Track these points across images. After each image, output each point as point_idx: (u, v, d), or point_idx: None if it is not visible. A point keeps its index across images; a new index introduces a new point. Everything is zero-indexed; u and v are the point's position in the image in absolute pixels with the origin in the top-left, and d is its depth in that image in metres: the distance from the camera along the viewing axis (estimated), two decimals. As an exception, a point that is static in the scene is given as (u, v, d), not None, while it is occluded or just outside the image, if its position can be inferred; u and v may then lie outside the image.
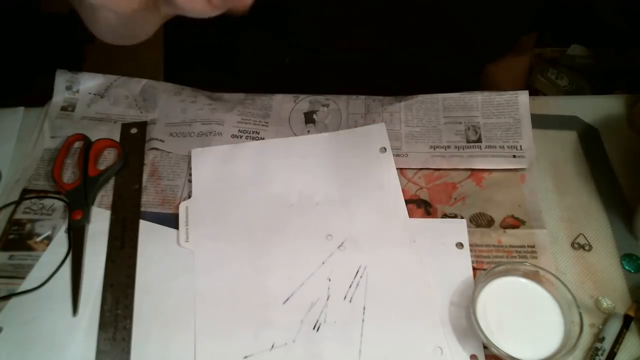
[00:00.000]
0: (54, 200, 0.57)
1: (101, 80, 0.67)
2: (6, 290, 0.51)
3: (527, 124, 0.60)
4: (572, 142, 0.62)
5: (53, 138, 0.63)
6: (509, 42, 0.68)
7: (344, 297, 0.50)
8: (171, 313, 0.49)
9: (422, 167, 0.59)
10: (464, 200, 0.56)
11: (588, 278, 0.51)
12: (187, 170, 0.60)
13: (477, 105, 0.63)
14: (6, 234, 0.55)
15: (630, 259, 0.52)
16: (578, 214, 0.55)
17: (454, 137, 0.61)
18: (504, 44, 0.68)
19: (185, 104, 0.65)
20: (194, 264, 0.52)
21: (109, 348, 0.47)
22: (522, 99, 0.62)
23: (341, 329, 0.48)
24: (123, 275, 0.51)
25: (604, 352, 0.45)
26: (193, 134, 0.63)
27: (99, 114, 0.65)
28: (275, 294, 0.50)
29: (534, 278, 0.48)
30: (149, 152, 0.61)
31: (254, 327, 0.48)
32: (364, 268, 0.51)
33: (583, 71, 1.04)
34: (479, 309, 0.46)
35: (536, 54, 1.09)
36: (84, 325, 0.49)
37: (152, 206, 0.57)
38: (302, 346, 0.47)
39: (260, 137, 0.62)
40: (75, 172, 0.59)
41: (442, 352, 0.46)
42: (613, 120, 0.63)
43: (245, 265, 0.52)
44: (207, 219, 0.55)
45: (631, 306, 0.48)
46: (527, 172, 0.58)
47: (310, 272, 0.51)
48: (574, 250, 0.53)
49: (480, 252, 0.52)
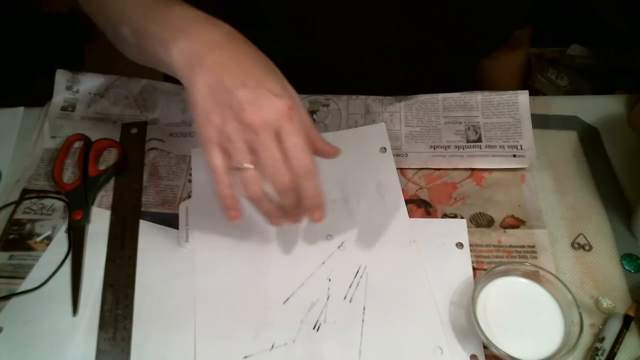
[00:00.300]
0: (54, 200, 0.57)
1: (101, 80, 0.67)
2: (6, 290, 0.51)
3: (527, 124, 0.60)
4: (572, 142, 0.62)
5: (53, 138, 0.63)
6: (503, 34, 0.67)
7: (344, 297, 0.50)
8: (171, 313, 0.49)
9: (422, 167, 0.59)
10: (464, 200, 0.56)
11: (588, 278, 0.51)
12: (187, 170, 0.60)
13: (477, 105, 0.63)
14: (6, 234, 0.55)
15: (630, 259, 0.52)
16: (578, 214, 0.55)
17: (454, 137, 0.61)
18: (499, 37, 0.67)
19: (185, 104, 0.65)
20: (194, 264, 0.52)
21: (109, 348, 0.47)
22: (522, 98, 0.62)
23: (341, 329, 0.48)
24: (123, 275, 0.51)
25: (604, 352, 0.45)
26: (193, 134, 0.63)
27: (99, 114, 0.65)
28: (275, 294, 0.50)
29: (534, 278, 0.48)
30: (149, 152, 0.61)
31: (254, 327, 0.48)
32: (364, 268, 0.51)
33: (583, 71, 1.04)
34: (479, 309, 0.46)
35: (536, 54, 1.09)
36: (84, 325, 0.49)
37: (152, 206, 0.57)
38: (302, 346, 0.47)
39: (260, 137, 0.62)
40: (75, 172, 0.59)
41: (442, 352, 0.46)
42: (613, 120, 0.63)
43: (246, 265, 0.52)
44: (207, 219, 0.55)
45: (631, 306, 0.48)
46: (527, 172, 0.58)
47: (310, 272, 0.51)
48: (574, 250, 0.53)
49: (480, 252, 0.52)
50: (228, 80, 0.39)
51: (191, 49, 0.41)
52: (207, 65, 0.40)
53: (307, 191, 0.41)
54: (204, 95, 0.40)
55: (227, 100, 0.39)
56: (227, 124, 0.39)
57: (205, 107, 0.40)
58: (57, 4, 1.71)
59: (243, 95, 0.39)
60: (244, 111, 0.38)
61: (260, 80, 0.40)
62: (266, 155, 0.39)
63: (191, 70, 0.40)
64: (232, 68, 0.40)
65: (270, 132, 0.39)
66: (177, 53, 0.41)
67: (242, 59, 0.41)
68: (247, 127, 0.39)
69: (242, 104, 0.39)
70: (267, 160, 0.39)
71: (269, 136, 0.39)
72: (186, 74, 0.41)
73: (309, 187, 0.41)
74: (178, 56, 0.41)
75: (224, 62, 0.40)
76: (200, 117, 0.40)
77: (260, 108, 0.39)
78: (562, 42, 1.08)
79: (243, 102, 0.39)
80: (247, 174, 0.40)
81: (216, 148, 0.40)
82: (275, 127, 0.39)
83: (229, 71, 0.40)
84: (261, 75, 0.40)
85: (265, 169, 0.40)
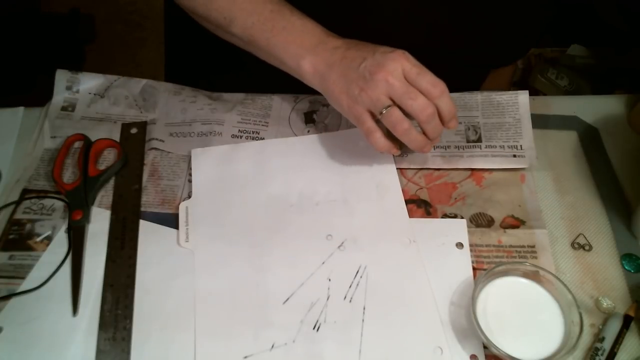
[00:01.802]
0: (54, 200, 0.57)
1: (101, 80, 0.67)
2: (6, 290, 0.51)
3: (527, 124, 0.60)
4: (572, 142, 0.62)
5: (53, 138, 0.63)
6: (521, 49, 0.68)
7: (344, 297, 0.50)
8: (171, 313, 0.49)
9: (422, 167, 0.59)
10: (464, 200, 0.56)
11: (588, 278, 0.51)
12: (187, 170, 0.60)
13: (477, 105, 0.63)
14: (6, 234, 0.55)
15: (630, 259, 0.52)
16: (578, 214, 0.55)
17: (454, 137, 0.61)
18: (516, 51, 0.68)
19: (185, 104, 0.65)
20: (194, 264, 0.52)
21: (109, 348, 0.47)
22: (522, 98, 0.62)
23: (341, 329, 0.48)
24: (123, 275, 0.51)
25: (604, 352, 0.45)
26: (193, 134, 0.63)
27: (99, 114, 0.65)
28: (275, 294, 0.50)
29: (534, 278, 0.48)
30: (149, 152, 0.61)
31: (254, 327, 0.48)
32: (364, 268, 0.51)
33: (583, 71, 1.04)
34: (479, 309, 0.46)
35: (536, 54, 1.09)
36: (84, 325, 0.49)
37: (152, 206, 0.57)
38: (302, 346, 0.47)
39: (260, 137, 0.62)
40: (75, 172, 0.60)
41: (442, 352, 0.46)
42: (613, 120, 0.63)
43: (245, 265, 0.52)
44: (207, 219, 0.55)
45: (631, 306, 0.48)
46: (527, 171, 0.58)
47: (310, 272, 0.51)
48: (574, 250, 0.53)
49: (480, 252, 0.52)
50: (351, 66, 0.51)
51: (319, 64, 0.53)
52: (334, 70, 0.52)
53: (445, 107, 0.50)
54: (341, 88, 0.52)
55: (358, 77, 0.50)
56: (366, 91, 0.50)
57: (348, 94, 0.51)
58: (57, 4, 1.71)
59: (367, 65, 0.50)
60: (374, 73, 0.49)
61: (370, 51, 0.51)
62: (404, 96, 0.49)
63: (322, 77, 0.53)
64: (349, 58, 0.51)
65: (399, 77, 0.49)
66: (308, 67, 0.54)
67: (348, 53, 0.52)
68: (380, 82, 0.49)
69: (370, 70, 0.49)
70: (406, 100, 0.49)
71: (399, 81, 0.49)
72: (318, 80, 0.54)
73: (445, 103, 0.50)
74: (309, 68, 0.54)
75: (344, 59, 0.52)
76: (346, 103, 0.52)
77: (383, 65, 0.49)
78: (562, 42, 1.08)
79: (370, 68, 0.49)
80: (392, 115, 0.50)
81: (365, 113, 0.51)
82: (400, 72, 0.49)
83: (348, 62, 0.51)
84: (369, 49, 0.51)
85: (407, 108, 0.49)
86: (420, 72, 0.49)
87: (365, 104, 0.51)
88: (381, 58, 0.50)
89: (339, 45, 0.53)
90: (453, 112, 0.51)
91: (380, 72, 0.49)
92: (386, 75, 0.49)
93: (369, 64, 0.50)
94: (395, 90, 0.49)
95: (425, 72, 0.50)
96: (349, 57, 0.52)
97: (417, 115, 0.50)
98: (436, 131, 0.52)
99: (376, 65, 0.49)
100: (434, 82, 0.49)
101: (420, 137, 0.52)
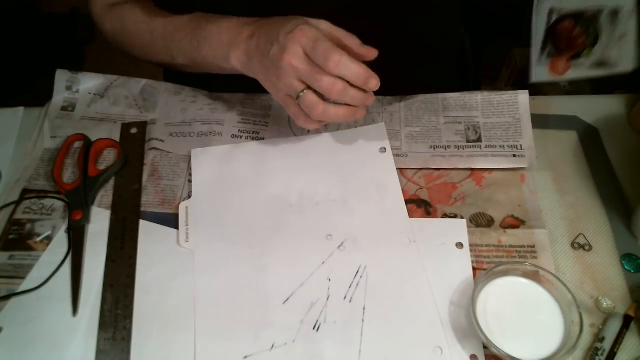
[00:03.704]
0: (54, 200, 0.57)
1: (101, 80, 0.67)
2: (6, 290, 0.51)
3: (527, 124, 0.60)
4: (572, 142, 0.62)
5: (53, 138, 0.63)
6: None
7: (344, 297, 0.50)
8: (171, 313, 0.49)
9: (422, 167, 0.59)
10: (464, 200, 0.56)
11: (588, 278, 0.51)
12: (187, 170, 0.60)
13: (477, 105, 0.63)
14: (6, 234, 0.55)
15: (630, 259, 0.52)
16: (578, 214, 0.55)
17: (454, 137, 0.61)
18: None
19: (185, 104, 0.65)
20: (194, 264, 0.52)
21: (109, 348, 0.47)
22: (522, 98, 0.62)
23: (341, 329, 0.48)
24: (123, 275, 0.51)
25: (604, 352, 0.45)
26: (193, 134, 0.63)
27: (99, 114, 0.65)
28: (275, 294, 0.50)
29: (534, 278, 0.48)
30: (149, 152, 0.61)
31: (254, 327, 0.48)
32: (364, 268, 0.51)
33: (583, 71, 1.03)
34: (479, 309, 0.46)
35: (536, 53, 1.09)
36: (84, 325, 0.49)
37: (152, 206, 0.57)
38: (302, 346, 0.47)
39: (260, 137, 0.62)
40: (75, 172, 0.60)
41: (442, 352, 0.46)
42: (613, 120, 0.63)
43: (245, 265, 0.52)
44: (207, 219, 0.55)
45: (631, 306, 0.48)
46: (527, 171, 0.58)
47: (310, 272, 0.51)
48: (574, 250, 0.53)
49: (480, 252, 0.52)
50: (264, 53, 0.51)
51: (242, 56, 0.54)
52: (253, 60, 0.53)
53: (350, 74, 0.48)
54: (264, 77, 0.53)
55: (271, 65, 0.50)
56: (280, 78, 0.50)
57: (270, 82, 0.52)
58: (57, 4, 1.71)
59: (274, 53, 0.49)
60: (280, 60, 0.49)
61: (276, 33, 0.50)
62: (310, 78, 0.48)
63: (249, 68, 0.54)
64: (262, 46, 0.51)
65: (301, 58, 0.48)
66: (235, 62, 0.55)
67: (260, 39, 0.52)
68: (287, 68, 0.49)
69: (277, 57, 0.49)
70: (313, 82, 0.48)
71: (302, 63, 0.48)
72: (247, 71, 0.55)
73: (347, 70, 0.48)
74: (236, 63, 0.55)
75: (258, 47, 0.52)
76: (271, 90, 0.53)
77: (286, 48, 0.48)
78: (562, 42, 1.08)
79: (277, 55, 0.49)
80: (305, 100, 0.50)
81: (288, 98, 0.52)
82: (301, 52, 0.48)
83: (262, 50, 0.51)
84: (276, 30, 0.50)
85: (318, 90, 0.49)
86: (314, 46, 0.48)
87: (284, 91, 0.51)
88: (284, 40, 0.49)
89: (253, 32, 0.53)
90: (362, 74, 0.48)
91: (284, 57, 0.48)
92: (290, 59, 0.48)
93: (275, 50, 0.49)
94: (302, 73, 0.49)
95: (317, 45, 0.47)
96: (262, 44, 0.51)
97: (328, 95, 0.49)
98: (357, 100, 0.50)
99: (280, 50, 0.49)
100: (325, 54, 0.47)
101: (342, 111, 0.51)
